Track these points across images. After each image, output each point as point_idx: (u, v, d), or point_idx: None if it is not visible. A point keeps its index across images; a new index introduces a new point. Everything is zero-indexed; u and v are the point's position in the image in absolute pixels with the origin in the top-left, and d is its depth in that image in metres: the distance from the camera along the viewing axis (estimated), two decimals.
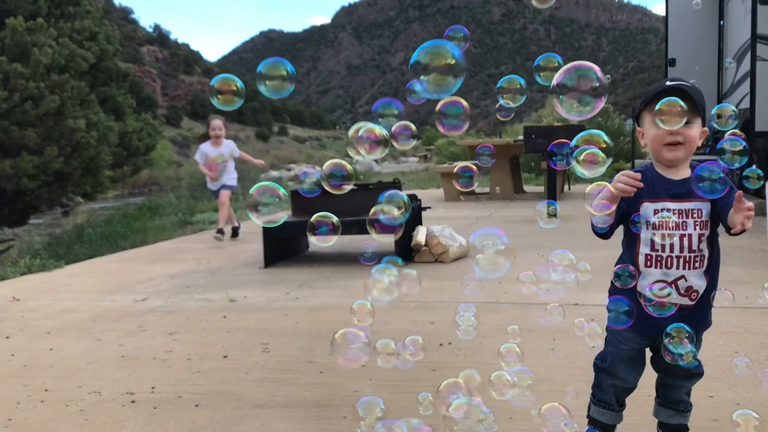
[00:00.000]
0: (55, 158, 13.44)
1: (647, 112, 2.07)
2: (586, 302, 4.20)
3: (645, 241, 2.07)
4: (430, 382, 3.02)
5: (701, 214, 2.03)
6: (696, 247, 2.03)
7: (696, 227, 2.03)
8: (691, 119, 2.01)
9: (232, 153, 8.30)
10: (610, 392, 2.19)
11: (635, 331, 2.10)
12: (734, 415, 1.95)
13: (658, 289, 2.05)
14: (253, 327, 4.11)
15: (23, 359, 3.62)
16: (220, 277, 5.79)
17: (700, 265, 2.04)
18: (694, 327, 2.02)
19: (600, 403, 2.21)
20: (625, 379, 2.16)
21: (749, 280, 4.82)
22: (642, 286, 2.07)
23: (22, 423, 2.75)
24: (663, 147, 2.05)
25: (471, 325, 2.19)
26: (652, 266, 2.06)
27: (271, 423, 2.65)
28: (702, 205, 2.04)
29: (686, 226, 2.03)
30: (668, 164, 2.08)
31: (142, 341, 3.89)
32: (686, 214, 2.04)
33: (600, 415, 2.21)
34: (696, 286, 2.05)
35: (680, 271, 2.04)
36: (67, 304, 4.98)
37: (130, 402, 2.93)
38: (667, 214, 2.04)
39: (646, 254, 2.07)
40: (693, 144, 2.05)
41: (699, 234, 2.03)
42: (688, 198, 2.03)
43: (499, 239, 1.96)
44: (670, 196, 2.05)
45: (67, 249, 9.01)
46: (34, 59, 13.49)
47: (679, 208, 2.04)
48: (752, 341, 3.39)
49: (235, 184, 8.45)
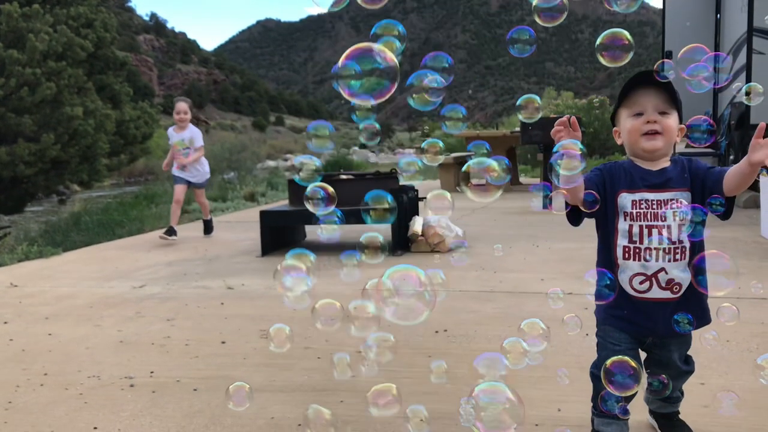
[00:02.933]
0: (52, 145, 13.42)
1: (622, 108, 2.06)
2: (580, 291, 4.24)
3: (622, 233, 2.02)
4: (425, 368, 3.06)
5: (680, 204, 1.99)
6: (676, 238, 1.98)
7: (675, 217, 1.98)
8: (668, 110, 2.01)
9: (193, 141, 7.42)
10: (612, 399, 2.10)
11: (623, 331, 2.06)
12: (758, 359, 1.95)
13: (638, 283, 2.01)
14: (251, 314, 4.14)
15: (22, 344, 3.65)
16: (218, 265, 5.82)
17: (682, 257, 1.99)
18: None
19: (603, 414, 2.08)
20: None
21: (742, 271, 4.85)
22: (622, 280, 2.02)
23: (22, 406, 2.78)
24: (641, 137, 2.01)
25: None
26: (630, 258, 2.01)
27: (269, 407, 2.68)
28: (681, 195, 1.99)
29: (665, 216, 1.99)
30: (647, 155, 2.04)
31: (141, 327, 3.92)
32: (664, 204, 1.99)
33: (605, 426, 2.11)
34: (678, 279, 1.99)
35: (660, 263, 1.98)
36: (65, 290, 5.00)
37: (129, 386, 2.97)
38: (645, 205, 2.00)
39: (624, 246, 2.02)
40: (671, 135, 2.02)
41: (679, 224, 1.98)
42: (666, 188, 2.00)
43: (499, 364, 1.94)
44: (647, 186, 2.01)
45: (64, 236, 9.01)
46: (30, 45, 13.44)
47: (657, 199, 2.00)
48: (744, 331, 3.44)
49: (205, 181, 7.73)
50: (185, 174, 7.43)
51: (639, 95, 2.03)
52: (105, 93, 16.71)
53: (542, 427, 2.41)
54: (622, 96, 2.05)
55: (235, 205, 11.96)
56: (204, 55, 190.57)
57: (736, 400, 2.09)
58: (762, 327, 3.55)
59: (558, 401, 2.61)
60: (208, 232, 7.65)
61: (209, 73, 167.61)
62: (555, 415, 2.51)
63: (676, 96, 2.03)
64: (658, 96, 2.00)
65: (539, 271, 4.97)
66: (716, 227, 2.10)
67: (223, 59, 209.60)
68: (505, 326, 3.62)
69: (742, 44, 8.88)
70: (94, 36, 15.77)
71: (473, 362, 1.95)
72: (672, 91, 2.01)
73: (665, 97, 2.01)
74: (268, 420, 2.56)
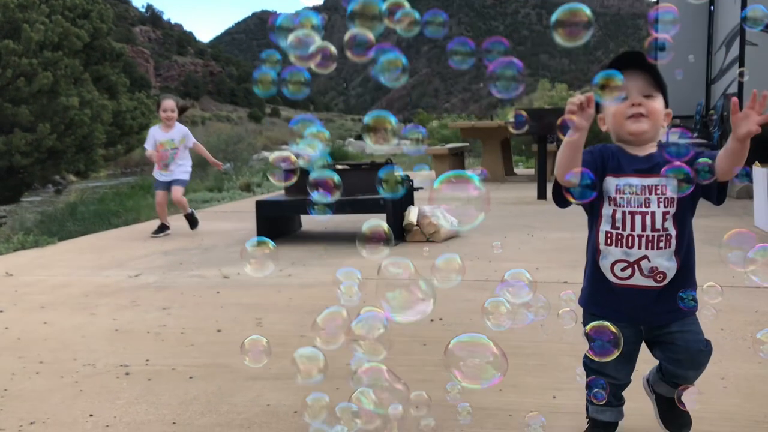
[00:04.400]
0: (48, 135, 13.39)
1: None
2: (574, 280, 4.25)
3: (606, 218, 1.98)
4: (420, 356, 3.07)
5: (665, 190, 1.93)
6: (660, 226, 1.92)
7: (660, 204, 1.93)
8: (652, 93, 1.97)
9: (185, 140, 7.07)
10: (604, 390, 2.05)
11: (613, 321, 1.96)
12: (758, 334, 1.94)
13: (619, 269, 1.96)
14: (247, 303, 4.14)
15: (17, 332, 3.65)
16: (213, 254, 5.81)
17: (666, 246, 1.93)
18: (669, 312, 1.95)
19: (597, 402, 2.06)
20: (616, 377, 2.06)
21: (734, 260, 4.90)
22: (603, 267, 1.99)
23: (18, 393, 2.78)
24: (626, 121, 1.96)
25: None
26: (612, 245, 1.97)
27: (265, 394, 2.69)
28: (667, 181, 1.92)
29: (649, 202, 1.93)
30: (633, 139, 1.98)
31: (136, 316, 3.92)
32: (649, 190, 1.94)
33: (599, 413, 2.11)
34: (662, 268, 1.93)
35: (642, 251, 1.93)
36: (60, 279, 4.99)
37: (124, 374, 2.97)
38: (629, 190, 1.95)
39: (606, 232, 1.97)
40: (657, 118, 1.97)
41: (663, 212, 1.92)
42: (652, 173, 1.93)
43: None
44: (633, 171, 1.96)
45: (59, 226, 9.00)
46: (26, 36, 13.38)
47: (642, 184, 1.94)
48: (738, 319, 3.45)
49: (188, 179, 7.24)
50: (166, 176, 7.03)
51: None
52: (102, 84, 16.65)
53: None
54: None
55: (231, 196, 11.95)
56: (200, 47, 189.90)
57: (698, 395, 2.03)
58: (756, 315, 3.57)
59: (553, 389, 2.62)
60: (194, 226, 7.19)
61: (205, 64, 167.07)
62: (550, 403, 2.52)
63: (660, 79, 1.99)
64: (642, 79, 1.96)
65: (534, 261, 4.98)
66: (710, 217, 2.09)
67: (219, 51, 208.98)
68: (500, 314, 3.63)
69: (736, 35, 8.88)
70: (90, 27, 15.70)
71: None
72: (656, 74, 1.98)
73: (650, 79, 1.97)
74: (264, 407, 2.57)
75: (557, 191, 1.98)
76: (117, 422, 2.47)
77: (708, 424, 2.26)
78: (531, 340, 3.22)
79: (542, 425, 2.11)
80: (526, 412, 2.42)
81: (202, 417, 2.50)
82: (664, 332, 2.01)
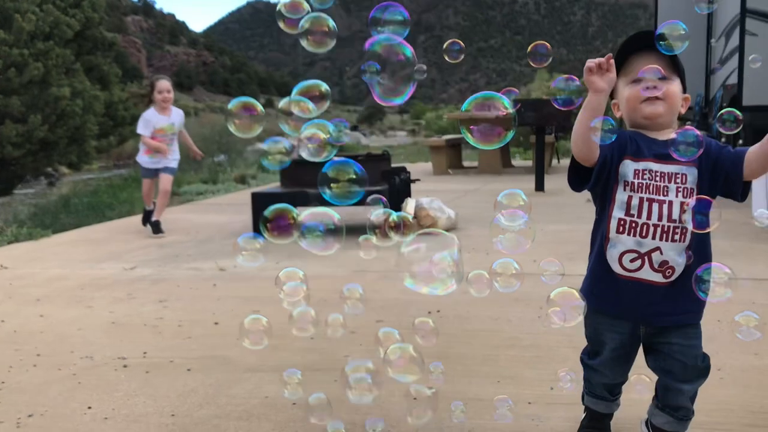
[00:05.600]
0: (40, 126, 13.31)
1: (620, 77, 1.89)
2: (573, 273, 4.26)
3: (620, 204, 1.87)
4: None
5: (685, 179, 1.84)
6: (677, 217, 1.83)
7: (679, 194, 1.83)
8: (669, 75, 1.86)
9: (180, 124, 6.64)
10: (600, 387, 2.06)
11: (612, 317, 1.94)
12: (736, 317, 1.92)
13: (628, 260, 1.86)
14: (244, 295, 4.13)
15: (13, 325, 3.63)
16: (209, 247, 5.80)
17: (681, 239, 1.83)
18: (671, 315, 1.87)
19: (593, 394, 2.09)
20: (613, 377, 2.03)
21: (733, 252, 4.92)
22: (610, 257, 1.89)
23: (15, 386, 2.77)
24: (640, 104, 1.86)
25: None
26: (624, 233, 1.86)
27: (263, 386, 2.69)
28: (688, 171, 1.83)
29: (667, 191, 1.83)
30: (648, 123, 1.88)
31: (132, 308, 3.91)
32: (669, 178, 1.84)
33: (594, 404, 2.10)
34: (672, 262, 1.84)
35: (656, 241, 1.83)
36: (55, 272, 4.98)
37: (122, 366, 2.96)
38: (648, 176, 1.85)
39: (620, 219, 1.86)
40: (673, 102, 1.87)
41: (681, 202, 1.83)
42: (672, 161, 1.82)
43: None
44: (653, 155, 1.85)
45: (53, 219, 8.96)
46: (17, 26, 13.28)
47: (662, 171, 1.84)
48: (735, 311, 3.46)
49: (176, 167, 6.70)
50: (155, 162, 6.47)
51: (636, 61, 1.88)
52: (94, 74, 16.56)
53: (535, 405, 2.43)
54: (619, 64, 1.88)
55: (226, 188, 11.92)
56: (193, 37, 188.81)
57: (648, 383, 2.04)
58: (753, 307, 3.56)
59: (550, 380, 2.63)
60: (156, 231, 6.41)
61: (198, 54, 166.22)
62: (548, 394, 2.53)
63: (678, 61, 1.89)
64: (657, 60, 1.85)
65: (532, 253, 4.98)
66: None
67: (213, 41, 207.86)
68: (497, 306, 3.64)
69: (735, 25, 8.87)
70: (81, 16, 15.59)
71: None
72: (674, 56, 1.87)
73: (666, 61, 1.87)
74: (262, 399, 2.57)
75: (573, 171, 1.91)
76: (115, 414, 2.46)
77: (705, 414, 2.27)
78: (529, 332, 3.24)
79: (509, 407, 2.16)
80: (524, 404, 2.44)
81: (200, 409, 2.50)
82: (664, 341, 1.93)
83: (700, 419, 2.23)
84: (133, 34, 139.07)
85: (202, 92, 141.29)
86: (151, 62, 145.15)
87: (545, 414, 2.37)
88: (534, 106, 9.24)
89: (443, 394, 2.44)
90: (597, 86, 1.77)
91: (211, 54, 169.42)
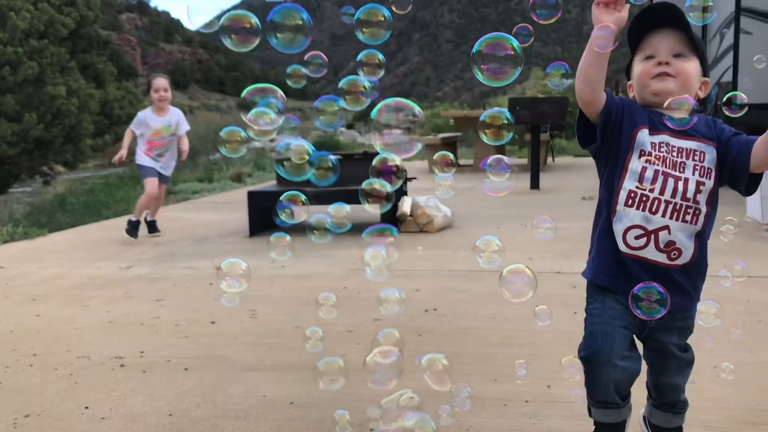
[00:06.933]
0: (35, 125, 13.27)
1: (636, 55, 1.83)
2: (568, 270, 4.27)
3: (632, 174, 1.75)
4: (415, 346, 3.08)
5: (703, 158, 1.74)
6: (692, 196, 1.72)
7: (696, 172, 1.73)
8: (684, 53, 1.76)
9: (179, 126, 6.23)
10: (610, 388, 1.78)
11: (622, 295, 1.76)
12: (699, 305, 1.86)
13: (632, 237, 1.74)
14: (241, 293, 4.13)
15: (10, 325, 3.63)
16: (206, 246, 5.80)
17: (693, 221, 1.72)
18: (674, 304, 1.72)
19: (600, 404, 1.83)
20: (612, 345, 1.76)
21: (728, 250, 4.93)
22: (616, 230, 1.76)
23: (12, 386, 2.76)
24: (650, 80, 1.77)
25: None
26: (633, 206, 1.73)
27: (261, 385, 2.69)
28: (706, 149, 1.75)
29: (684, 167, 1.73)
30: (657, 100, 1.75)
31: (129, 308, 3.91)
32: (687, 154, 1.74)
33: (603, 416, 1.83)
34: (680, 244, 1.72)
35: (665, 219, 1.72)
36: (51, 271, 4.97)
37: (119, 366, 2.96)
38: (666, 149, 1.74)
39: (630, 190, 1.74)
40: (686, 79, 1.76)
41: (698, 181, 1.72)
42: (691, 136, 1.74)
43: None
44: (670, 130, 1.74)
45: (49, 218, 8.94)
46: (12, 24, 13.23)
47: (680, 146, 1.74)
48: (731, 308, 3.48)
49: (170, 174, 6.48)
50: (160, 165, 6.24)
51: (652, 37, 1.79)
52: (89, 72, 16.51)
53: (532, 404, 2.44)
54: (635, 42, 1.80)
55: (222, 186, 11.91)
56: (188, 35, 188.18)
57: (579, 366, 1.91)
58: (748, 304, 3.60)
59: (547, 378, 2.63)
60: (133, 234, 6.20)
61: (193, 52, 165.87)
62: (545, 392, 2.54)
63: (696, 39, 1.77)
64: (674, 37, 1.76)
65: (527, 251, 4.99)
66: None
67: (208, 39, 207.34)
68: (494, 305, 3.65)
69: (730, 23, 8.90)
70: (76, 14, 15.54)
71: None
72: (691, 34, 1.77)
73: (683, 38, 1.76)
74: (259, 398, 2.57)
75: (581, 124, 1.81)
76: (113, 414, 2.46)
77: (701, 412, 2.28)
78: (525, 330, 3.24)
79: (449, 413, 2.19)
80: (522, 402, 2.45)
81: (198, 408, 2.50)
82: (662, 341, 1.84)
83: (696, 417, 2.24)
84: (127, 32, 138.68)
85: (197, 90, 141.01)
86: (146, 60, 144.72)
87: (543, 412, 2.38)
88: (529, 105, 9.25)
89: (443, 394, 2.45)
90: (601, 19, 1.67)
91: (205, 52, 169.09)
